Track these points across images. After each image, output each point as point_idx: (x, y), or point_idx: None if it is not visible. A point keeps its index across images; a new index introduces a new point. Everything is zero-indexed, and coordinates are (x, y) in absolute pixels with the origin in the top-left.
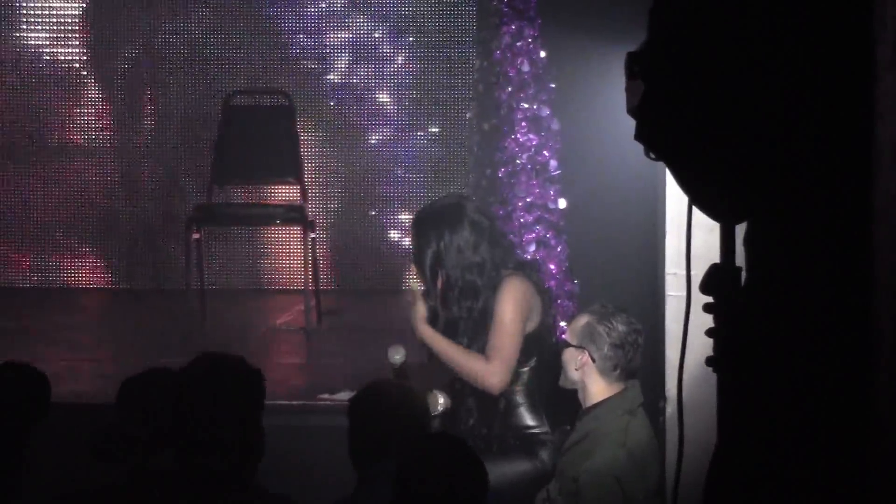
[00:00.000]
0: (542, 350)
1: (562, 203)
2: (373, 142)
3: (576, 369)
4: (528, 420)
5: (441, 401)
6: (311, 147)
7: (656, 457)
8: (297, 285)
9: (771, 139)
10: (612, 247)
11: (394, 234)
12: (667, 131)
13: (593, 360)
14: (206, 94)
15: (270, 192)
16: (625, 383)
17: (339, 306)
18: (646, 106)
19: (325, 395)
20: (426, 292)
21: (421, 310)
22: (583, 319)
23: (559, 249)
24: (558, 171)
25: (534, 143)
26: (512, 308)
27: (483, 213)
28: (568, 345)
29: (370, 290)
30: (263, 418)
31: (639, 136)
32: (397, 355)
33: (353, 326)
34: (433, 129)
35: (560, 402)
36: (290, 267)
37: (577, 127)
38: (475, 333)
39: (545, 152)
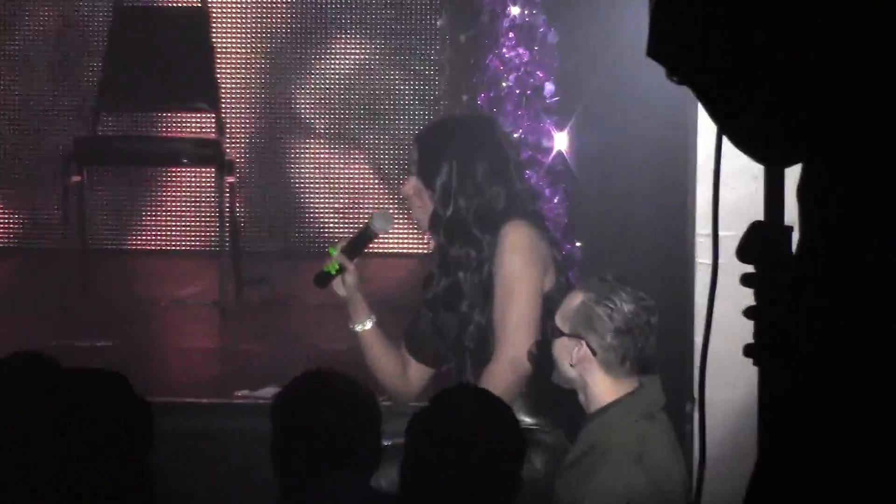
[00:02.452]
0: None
1: (560, 140)
2: (312, 58)
3: (571, 365)
4: (523, 414)
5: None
6: (229, 65)
7: (682, 476)
8: (210, 246)
9: (838, 50)
10: (625, 199)
11: (336, 180)
12: (690, 42)
13: (593, 353)
14: None
15: (176, 123)
16: (638, 379)
17: (264, 274)
18: (660, 9)
19: (245, 392)
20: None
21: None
22: (576, 299)
23: (556, 201)
24: (555, 98)
25: (524, 61)
26: (521, 264)
27: (510, 141)
28: (559, 333)
29: (305, 254)
30: (166, 421)
31: (651, 50)
32: (384, 222)
33: (283, 301)
34: (393, 42)
35: (564, 395)
36: (200, 222)
37: (581, 40)
38: (484, 298)
39: (538, 73)
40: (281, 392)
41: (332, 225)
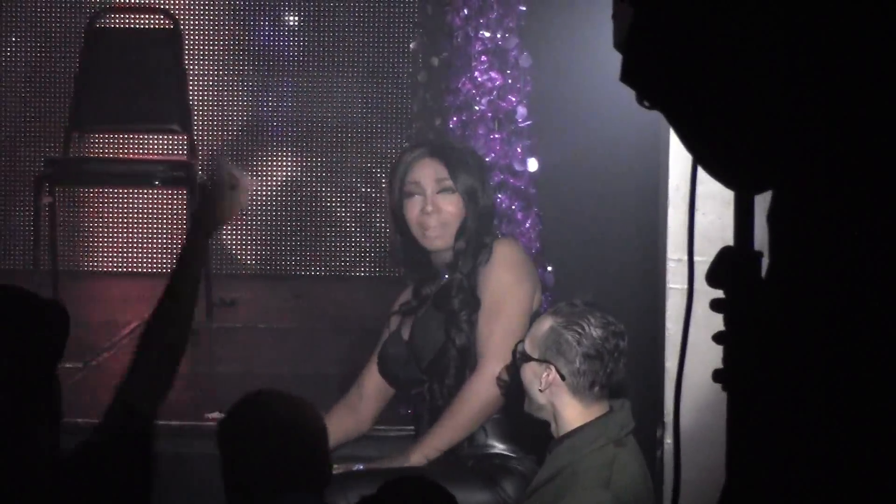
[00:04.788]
0: None
1: (532, 164)
2: (285, 81)
3: (540, 390)
4: (495, 440)
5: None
6: (201, 87)
7: (651, 501)
8: None
9: (805, 78)
10: (597, 223)
11: (308, 203)
12: (662, 69)
13: (562, 378)
14: (66, 11)
15: (148, 144)
16: (609, 403)
17: (235, 296)
18: (634, 36)
19: (216, 414)
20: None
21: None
22: (545, 324)
23: (528, 225)
24: (528, 122)
25: (497, 85)
26: (512, 280)
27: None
28: (528, 358)
29: (278, 275)
30: None
31: (625, 76)
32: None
33: (254, 323)
34: (366, 64)
35: (536, 422)
36: (171, 243)
37: (554, 64)
38: (473, 308)
39: (511, 97)
40: (224, 418)
41: (304, 247)
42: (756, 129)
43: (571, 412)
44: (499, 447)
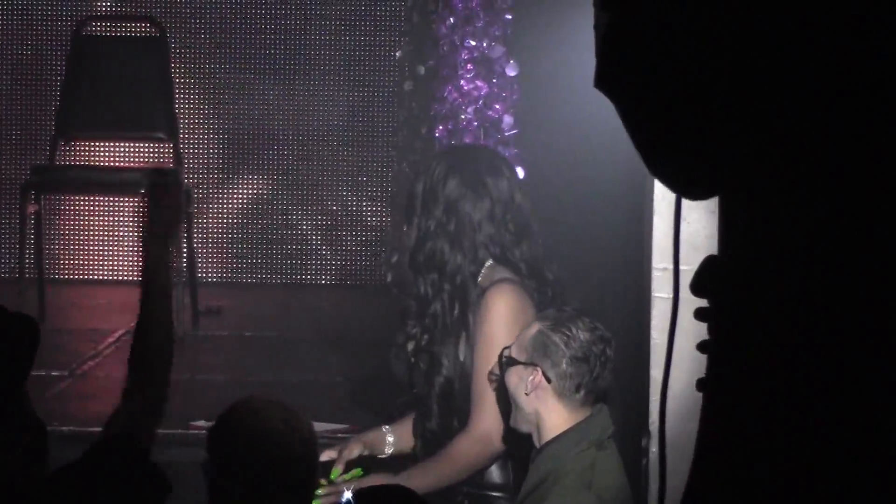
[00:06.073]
0: None
1: (518, 173)
2: (271, 88)
3: (526, 394)
4: (495, 476)
5: (390, 439)
6: (188, 94)
7: (631, 500)
8: None
9: (763, 86)
10: (583, 232)
11: (295, 211)
12: (630, 75)
13: (548, 381)
14: (52, 18)
15: (134, 152)
16: (591, 409)
17: (221, 305)
18: (608, 43)
19: (201, 423)
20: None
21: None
22: (532, 328)
23: None
24: (514, 132)
25: (482, 93)
26: (505, 334)
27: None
28: (514, 362)
29: (262, 284)
30: None
31: (599, 82)
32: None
33: (240, 331)
34: (352, 73)
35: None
36: None
37: (540, 73)
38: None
39: (497, 105)
40: (214, 425)
41: (289, 255)
42: (711, 133)
43: (556, 418)
44: (497, 483)
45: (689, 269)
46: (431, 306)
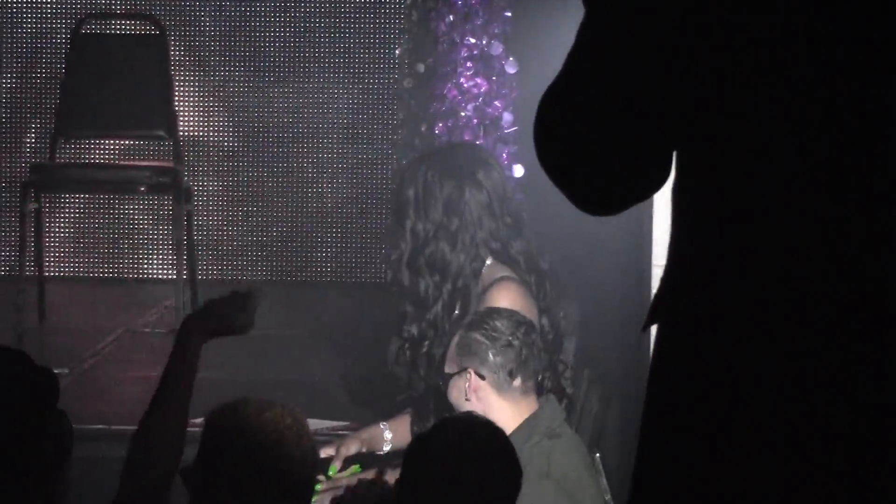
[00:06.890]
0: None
1: (518, 171)
2: (270, 86)
3: (467, 399)
4: None
5: (388, 436)
6: (188, 92)
7: (595, 480)
8: (167, 274)
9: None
10: (583, 230)
11: (294, 209)
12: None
13: (482, 377)
14: (51, 16)
15: (134, 150)
16: (536, 401)
17: None
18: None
19: (201, 420)
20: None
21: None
22: (454, 340)
23: None
24: (514, 129)
25: (482, 91)
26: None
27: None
28: (448, 377)
29: (261, 282)
30: (120, 449)
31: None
32: None
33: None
34: (351, 70)
35: None
36: (157, 249)
37: (540, 70)
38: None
39: (497, 103)
40: (208, 422)
41: (288, 253)
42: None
43: (502, 417)
44: None
45: None
46: (432, 308)
